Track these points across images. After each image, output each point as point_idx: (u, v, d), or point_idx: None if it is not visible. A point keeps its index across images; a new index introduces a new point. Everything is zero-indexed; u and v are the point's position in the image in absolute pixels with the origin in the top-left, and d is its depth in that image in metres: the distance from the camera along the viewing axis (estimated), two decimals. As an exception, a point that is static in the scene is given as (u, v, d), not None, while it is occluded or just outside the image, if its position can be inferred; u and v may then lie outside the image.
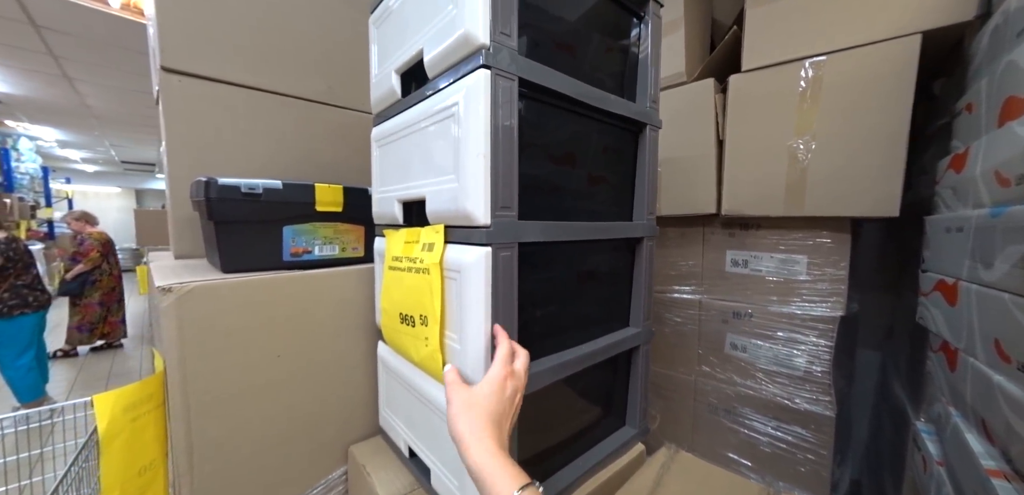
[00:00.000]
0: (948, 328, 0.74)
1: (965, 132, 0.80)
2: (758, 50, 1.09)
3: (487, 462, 0.36)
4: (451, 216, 0.50)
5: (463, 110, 0.46)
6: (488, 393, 0.42)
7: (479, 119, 0.45)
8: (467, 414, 0.40)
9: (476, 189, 0.46)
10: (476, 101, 0.45)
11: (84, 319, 3.13)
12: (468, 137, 0.46)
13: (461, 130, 0.47)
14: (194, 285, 0.55)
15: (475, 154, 0.45)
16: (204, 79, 0.84)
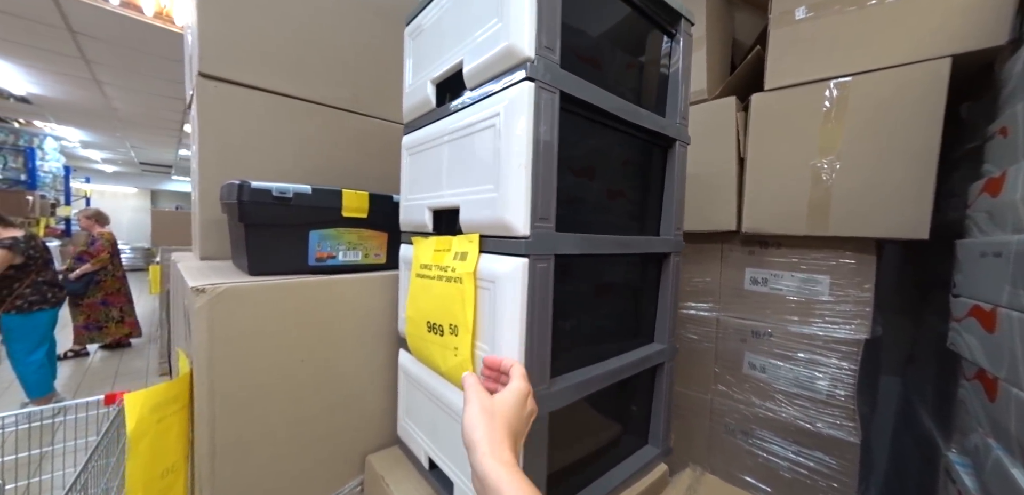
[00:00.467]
0: (985, 356, 0.72)
1: (999, 156, 0.78)
2: (782, 70, 1.09)
3: (503, 474, 0.34)
4: (488, 226, 0.50)
5: (505, 121, 0.47)
6: (512, 403, 0.40)
7: (521, 130, 0.45)
8: (487, 421, 0.38)
9: (516, 199, 0.46)
10: (519, 112, 0.45)
11: (91, 318, 3.15)
12: (510, 147, 0.46)
13: (502, 140, 0.47)
14: (226, 287, 0.56)
15: (517, 165, 0.46)
16: (238, 85, 0.86)
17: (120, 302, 3.32)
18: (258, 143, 0.90)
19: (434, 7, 0.62)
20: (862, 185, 0.97)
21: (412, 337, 0.67)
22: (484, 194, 0.50)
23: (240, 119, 0.87)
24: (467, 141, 0.54)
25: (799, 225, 1.06)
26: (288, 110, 0.95)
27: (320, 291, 0.68)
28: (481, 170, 0.51)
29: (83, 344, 3.23)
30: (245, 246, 0.68)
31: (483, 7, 0.51)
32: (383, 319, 0.77)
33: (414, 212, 0.68)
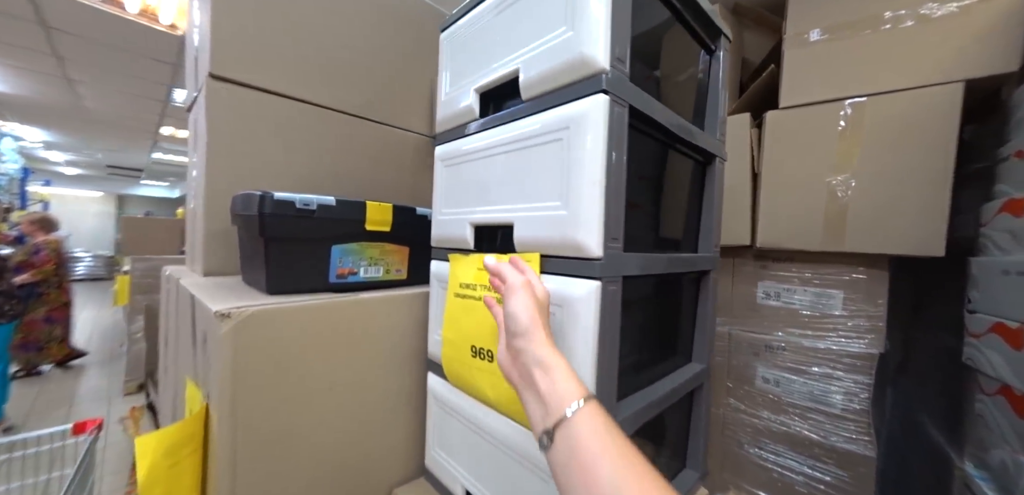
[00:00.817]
0: (1013, 373, 0.73)
1: (1016, 179, 0.81)
2: (797, 88, 1.11)
3: (563, 362, 0.35)
4: (552, 245, 0.47)
5: (575, 135, 0.44)
6: (545, 300, 0.40)
7: (596, 146, 0.43)
8: (540, 313, 0.38)
9: (590, 219, 0.43)
10: (594, 127, 0.43)
11: (29, 337, 2.79)
12: (582, 164, 0.43)
13: (572, 155, 0.44)
14: (254, 310, 0.50)
15: (591, 182, 0.43)
16: (252, 88, 0.80)
17: (64, 318, 2.96)
18: (270, 150, 0.85)
19: (481, 12, 0.59)
20: (878, 202, 0.99)
21: (450, 361, 0.62)
22: (548, 211, 0.47)
23: (252, 125, 0.81)
24: (525, 154, 0.50)
25: (814, 240, 1.08)
26: (302, 116, 0.89)
27: (349, 312, 0.63)
28: (544, 185, 0.48)
29: (21, 366, 2.84)
30: (264, 262, 0.62)
31: (546, 14, 0.48)
32: (411, 340, 0.72)
33: (451, 227, 0.64)
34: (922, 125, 0.95)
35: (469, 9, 0.62)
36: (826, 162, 1.06)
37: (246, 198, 0.64)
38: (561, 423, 0.31)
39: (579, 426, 0.30)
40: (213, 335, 0.49)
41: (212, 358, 0.50)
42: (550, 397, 0.33)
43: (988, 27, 0.90)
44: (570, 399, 0.32)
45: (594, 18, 0.43)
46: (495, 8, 0.56)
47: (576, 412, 0.31)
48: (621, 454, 0.28)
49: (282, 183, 0.86)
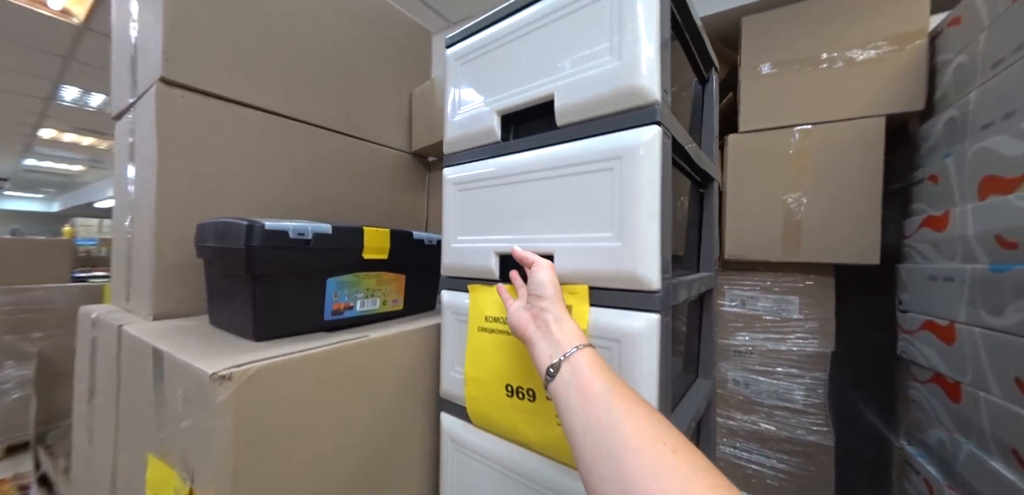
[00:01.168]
0: (945, 363, 0.86)
1: (932, 198, 0.97)
2: (753, 115, 1.23)
3: (569, 317, 0.42)
4: (604, 277, 0.45)
5: (629, 166, 0.43)
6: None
7: (653, 177, 0.42)
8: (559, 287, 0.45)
9: (648, 251, 0.42)
10: (650, 159, 0.42)
11: None
12: (639, 195, 0.42)
13: (626, 186, 0.43)
14: (259, 366, 0.41)
15: (649, 214, 0.42)
16: (216, 98, 0.69)
17: None
18: (237, 169, 0.73)
19: (501, 32, 0.56)
20: (825, 218, 1.13)
21: (477, 401, 0.57)
22: (598, 242, 0.45)
23: (216, 139, 0.70)
24: (567, 181, 0.48)
25: (775, 252, 1.19)
26: (273, 130, 0.79)
27: (359, 356, 0.55)
28: (592, 215, 0.46)
29: None
30: (252, 303, 0.52)
31: (587, 41, 0.47)
32: (423, 380, 0.66)
33: (470, 256, 0.59)
34: (855, 151, 1.10)
35: (483, 27, 0.59)
36: (781, 181, 1.18)
37: (223, 227, 0.53)
38: (567, 357, 0.37)
39: (580, 359, 0.37)
40: (205, 402, 0.39)
41: (203, 431, 0.40)
42: (562, 340, 0.39)
43: (900, 72, 1.07)
44: (577, 341, 0.39)
45: (646, 50, 0.43)
46: (520, 30, 0.54)
47: (579, 349, 0.38)
48: (611, 377, 0.35)
49: (250, 206, 0.75)
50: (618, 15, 0.44)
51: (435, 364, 0.67)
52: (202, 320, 0.64)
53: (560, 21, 0.49)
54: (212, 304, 0.61)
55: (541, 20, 0.51)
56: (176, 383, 0.45)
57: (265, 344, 0.52)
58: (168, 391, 0.46)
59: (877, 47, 1.10)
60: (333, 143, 0.91)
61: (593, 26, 0.46)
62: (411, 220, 1.12)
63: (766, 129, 1.22)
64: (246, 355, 0.44)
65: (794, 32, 1.19)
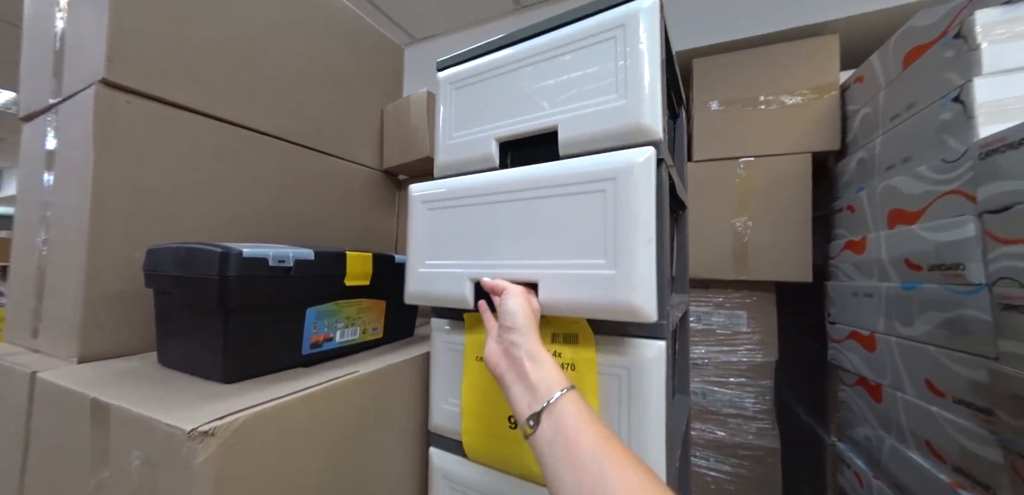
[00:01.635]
0: (868, 368, 0.99)
1: (850, 225, 1.13)
2: (705, 146, 1.36)
3: (544, 354, 0.39)
4: (597, 308, 0.44)
5: (624, 187, 0.43)
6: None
7: (649, 200, 0.43)
8: (532, 316, 0.43)
9: (644, 279, 0.42)
10: (645, 180, 0.43)
11: None
12: (634, 219, 0.42)
13: (619, 210, 0.43)
14: (245, 417, 0.36)
15: (645, 239, 0.42)
16: (166, 104, 0.61)
17: None
18: (190, 184, 0.65)
19: (499, 60, 0.57)
20: (767, 240, 1.27)
21: (474, 435, 0.55)
22: (589, 270, 0.44)
23: (166, 150, 0.62)
24: (553, 203, 0.47)
25: (727, 271, 1.31)
26: (234, 143, 0.72)
27: (349, 394, 0.50)
28: (582, 240, 0.45)
29: None
30: (222, 340, 0.46)
31: (592, 76, 0.49)
32: (412, 415, 0.62)
33: (440, 282, 0.55)
34: (789, 182, 1.26)
35: (480, 54, 0.60)
36: (730, 207, 1.31)
37: (189, 254, 0.47)
38: (548, 407, 0.35)
39: (563, 409, 0.34)
40: (178, 465, 0.33)
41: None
42: (539, 384, 0.36)
43: (820, 117, 1.25)
44: (556, 387, 0.36)
45: (649, 89, 0.45)
46: (522, 61, 0.55)
47: (560, 397, 0.35)
48: (599, 431, 0.33)
49: (207, 226, 0.67)
50: (625, 56, 0.46)
51: (423, 396, 0.64)
52: (146, 360, 0.55)
53: (566, 56, 0.51)
54: (164, 341, 0.53)
55: (545, 53, 0.52)
56: (128, 443, 0.37)
57: (236, 387, 0.45)
58: (115, 454, 0.38)
59: (802, 94, 1.28)
60: (300, 158, 0.85)
61: (599, 63, 0.48)
62: (381, 240, 1.07)
63: (716, 159, 1.35)
64: (223, 402, 0.38)
65: (737, 75, 1.35)
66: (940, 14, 0.83)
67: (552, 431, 0.33)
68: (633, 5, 0.47)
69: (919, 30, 0.89)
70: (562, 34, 0.52)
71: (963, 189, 0.71)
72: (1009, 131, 0.61)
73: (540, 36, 0.53)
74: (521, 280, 0.49)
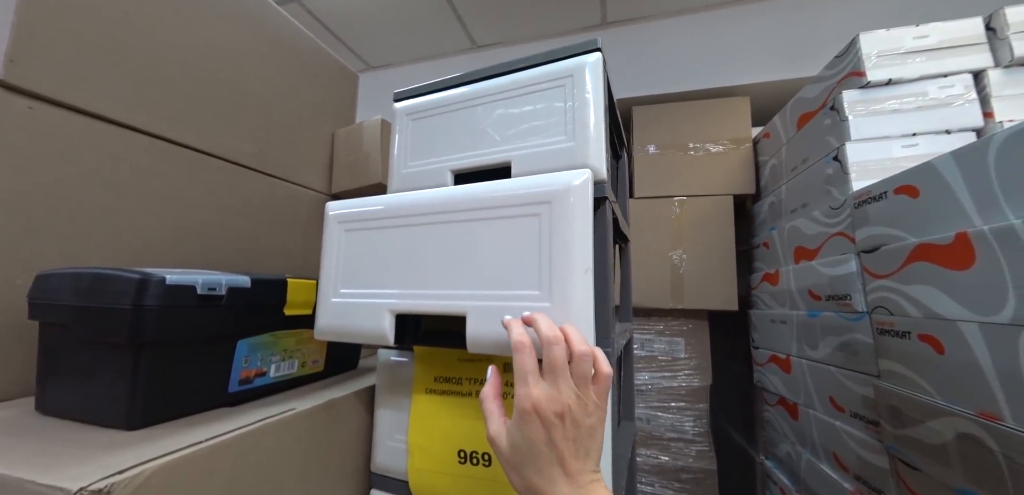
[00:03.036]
0: (786, 389, 1.11)
1: (767, 259, 1.28)
2: (644, 185, 1.49)
3: None
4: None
5: (560, 212, 0.42)
6: (520, 440, 0.32)
7: (586, 226, 0.43)
8: (517, 471, 0.32)
9: (582, 311, 0.41)
10: (582, 204, 0.43)
11: None
12: (570, 246, 0.41)
13: (554, 236, 0.42)
14: (151, 468, 0.31)
15: (582, 269, 0.41)
16: (79, 112, 0.55)
17: None
18: (103, 202, 0.58)
19: (457, 97, 0.59)
20: (699, 271, 1.40)
21: (422, 473, 0.52)
22: (522, 302, 0.42)
23: (75, 162, 0.55)
24: (484, 227, 0.45)
25: (666, 300, 1.41)
26: (158, 158, 0.66)
27: (283, 434, 0.46)
28: (514, 269, 0.43)
29: None
30: (131, 379, 0.40)
31: (542, 119, 0.53)
32: (353, 454, 0.58)
33: (357, 314, 0.50)
34: (716, 219, 1.41)
35: (438, 89, 0.62)
36: (667, 240, 1.43)
37: (94, 280, 0.41)
38: None
39: None
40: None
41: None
42: None
43: (738, 164, 1.44)
44: None
45: (595, 135, 0.50)
46: (479, 99, 0.57)
47: None
48: None
49: (120, 250, 0.60)
50: (572, 102, 0.51)
51: (365, 434, 0.60)
52: (19, 407, 0.46)
53: (521, 99, 0.54)
54: (48, 384, 0.45)
55: (502, 94, 0.55)
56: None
57: (142, 434, 0.40)
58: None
59: (723, 144, 1.46)
60: (241, 179, 0.79)
61: (549, 108, 0.52)
62: (327, 268, 1.01)
63: (654, 197, 1.48)
64: (124, 453, 0.33)
65: (670, 124, 1.51)
66: (819, 89, 1.01)
67: None
68: (580, 59, 0.52)
69: (806, 100, 1.07)
70: (517, 78, 0.56)
71: (846, 231, 0.85)
72: (872, 186, 0.75)
73: (497, 77, 0.56)
74: (446, 313, 0.45)
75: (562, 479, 0.30)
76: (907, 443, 0.64)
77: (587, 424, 0.32)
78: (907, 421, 0.63)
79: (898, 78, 0.86)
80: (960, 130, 0.83)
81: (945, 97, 0.84)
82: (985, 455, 0.48)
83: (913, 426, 0.62)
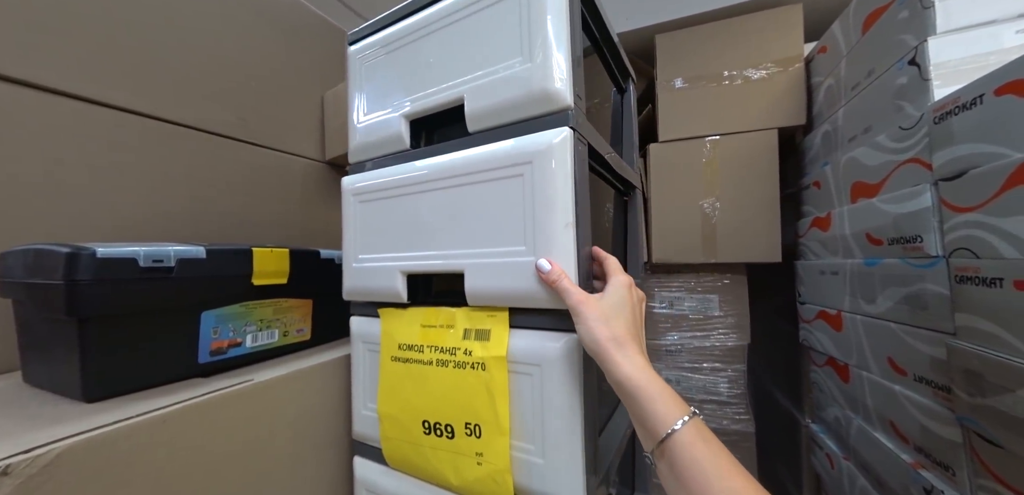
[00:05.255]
0: (836, 348, 0.96)
1: (817, 201, 1.09)
2: (670, 126, 1.32)
3: (643, 377, 0.34)
4: (519, 297, 0.41)
5: (541, 171, 0.40)
6: (619, 302, 0.38)
7: (566, 183, 0.39)
8: (608, 323, 0.36)
9: (564, 264, 0.39)
10: (561, 162, 0.39)
11: None
12: (552, 203, 0.39)
13: (537, 195, 0.40)
14: (62, 447, 0.30)
15: (564, 224, 0.39)
16: (52, 93, 0.55)
17: None
18: (76, 182, 0.58)
19: (405, 29, 0.51)
20: (735, 220, 1.23)
21: (391, 441, 0.50)
22: (511, 257, 0.41)
23: (42, 142, 0.55)
24: (474, 190, 0.44)
25: (696, 254, 1.27)
26: (132, 133, 0.65)
27: (244, 406, 0.45)
28: (502, 227, 0.42)
29: None
30: (79, 353, 0.40)
31: (495, 40, 0.44)
32: (332, 422, 0.57)
33: (374, 277, 0.53)
34: (756, 160, 1.22)
35: (387, 24, 0.54)
36: (698, 188, 1.27)
37: (35, 257, 0.41)
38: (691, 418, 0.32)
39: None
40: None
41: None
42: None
43: (785, 91, 1.21)
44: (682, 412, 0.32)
45: (554, 51, 0.40)
46: (426, 27, 0.49)
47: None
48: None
49: (103, 228, 0.61)
50: (527, 15, 0.41)
51: (346, 402, 0.59)
52: (13, 380, 0.49)
53: (467, 19, 0.45)
54: (27, 356, 0.47)
55: (447, 18, 0.47)
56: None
57: (100, 406, 0.40)
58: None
59: (767, 68, 1.23)
60: (223, 151, 0.78)
61: (503, 26, 0.43)
62: (327, 236, 1.01)
63: (682, 139, 1.31)
64: (55, 428, 0.33)
65: (700, 51, 1.30)
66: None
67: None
68: (537, -43, 0.42)
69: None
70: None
71: (920, 157, 0.67)
72: (961, 91, 0.57)
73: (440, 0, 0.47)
74: (447, 271, 0.47)
75: (637, 339, 0.37)
76: (988, 415, 0.51)
77: (643, 317, 0.42)
78: (990, 389, 0.50)
79: (1007, -59, 0.64)
80: (1100, 3, 0.60)
81: (1080, -40, 0.62)
82: (1100, 436, 0.36)
83: (998, 394, 0.49)
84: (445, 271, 0.47)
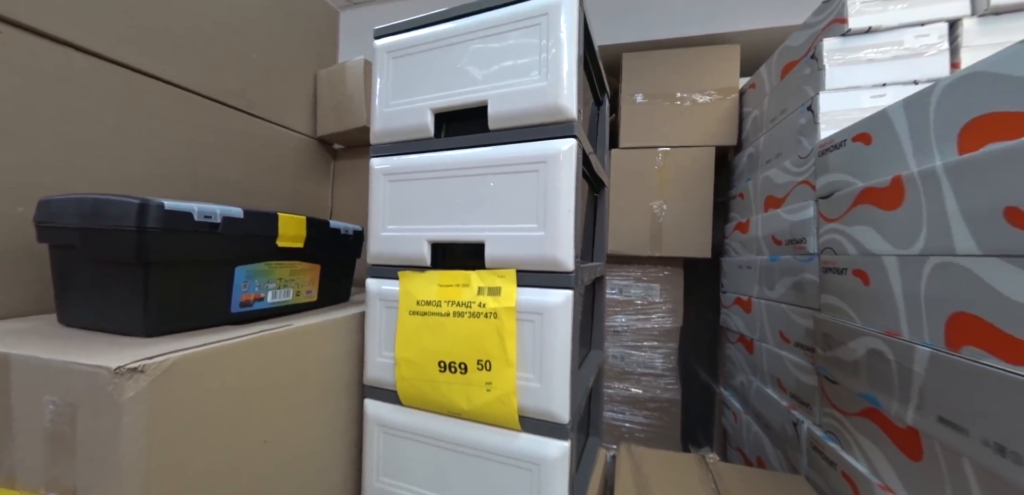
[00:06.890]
0: (746, 327, 1.21)
1: (741, 209, 1.34)
2: (630, 135, 1.51)
3: None
4: (530, 261, 0.53)
5: (552, 169, 0.52)
6: None
7: (570, 181, 0.52)
8: None
9: (565, 239, 0.52)
10: (565, 165, 0.52)
11: None
12: (558, 194, 0.52)
13: (548, 187, 0.52)
14: (176, 358, 0.37)
15: (566, 210, 0.52)
16: (65, 45, 0.55)
17: None
18: (90, 135, 0.60)
19: (437, 35, 0.60)
20: (677, 221, 1.46)
21: (408, 381, 0.60)
22: (525, 232, 0.53)
23: (56, 96, 0.56)
24: (498, 179, 0.55)
25: (645, 248, 1.48)
26: (141, 93, 0.67)
27: (284, 345, 0.52)
28: (520, 209, 0.54)
29: None
30: (143, 294, 0.45)
31: (519, 59, 0.55)
32: (347, 369, 0.65)
33: (401, 244, 0.62)
34: (697, 171, 1.45)
35: (418, 26, 0.62)
36: (650, 191, 1.48)
37: (96, 205, 0.45)
38: None
39: None
40: (103, 404, 0.34)
41: (100, 438, 0.34)
42: None
43: (723, 115, 1.46)
44: None
45: (566, 74, 0.53)
46: (458, 37, 0.59)
47: None
48: None
49: (110, 182, 0.62)
50: (547, 42, 0.53)
51: (358, 353, 0.67)
52: (44, 320, 0.51)
53: (497, 37, 0.56)
54: (67, 299, 0.49)
55: (479, 33, 0.57)
56: (35, 391, 0.37)
57: (160, 340, 0.45)
58: (18, 404, 0.37)
59: (710, 94, 1.47)
60: (224, 118, 0.80)
61: (525, 47, 0.54)
62: (314, 209, 1.05)
63: (639, 147, 1.50)
64: (147, 348, 0.39)
65: (659, 72, 1.50)
66: (805, 37, 1.02)
67: None
68: (554, -1, 0.54)
69: (792, 49, 1.08)
70: (494, 16, 0.57)
71: (809, 179, 0.90)
72: (834, 134, 0.79)
73: (474, 15, 0.57)
74: (470, 241, 0.57)
75: None
76: (831, 362, 0.73)
77: None
78: (833, 344, 0.72)
79: (878, 26, 0.88)
80: (927, 81, 0.86)
81: (919, 46, 0.87)
82: (884, 365, 0.57)
83: (837, 347, 0.71)
84: (468, 241, 0.57)
